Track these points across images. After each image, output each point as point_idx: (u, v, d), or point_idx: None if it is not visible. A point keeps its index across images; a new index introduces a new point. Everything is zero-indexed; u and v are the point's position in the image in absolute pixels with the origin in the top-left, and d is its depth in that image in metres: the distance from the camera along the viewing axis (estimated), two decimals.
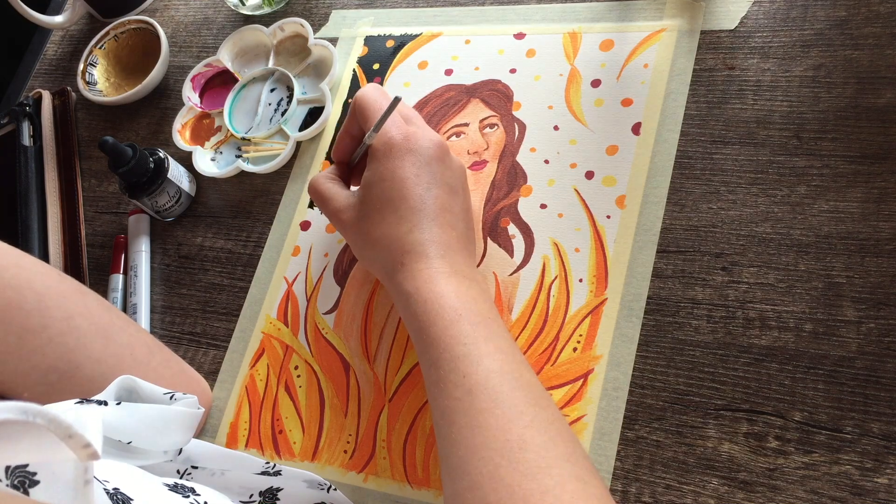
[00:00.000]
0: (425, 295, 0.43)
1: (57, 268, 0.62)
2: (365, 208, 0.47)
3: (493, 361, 0.40)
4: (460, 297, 0.43)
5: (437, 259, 0.44)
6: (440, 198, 0.46)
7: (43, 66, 0.78)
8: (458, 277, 0.44)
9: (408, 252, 0.45)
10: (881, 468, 0.40)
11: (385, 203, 0.46)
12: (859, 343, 0.43)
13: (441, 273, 0.44)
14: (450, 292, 0.43)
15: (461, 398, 0.39)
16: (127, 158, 0.58)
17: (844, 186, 0.47)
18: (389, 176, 0.46)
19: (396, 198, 0.46)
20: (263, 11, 0.69)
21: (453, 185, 0.48)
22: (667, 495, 0.42)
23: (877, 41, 0.50)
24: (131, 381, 0.42)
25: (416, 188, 0.46)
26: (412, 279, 0.44)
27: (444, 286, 0.43)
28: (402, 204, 0.46)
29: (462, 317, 0.42)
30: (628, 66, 0.55)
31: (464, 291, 0.43)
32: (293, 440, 0.50)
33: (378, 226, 0.46)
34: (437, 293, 0.43)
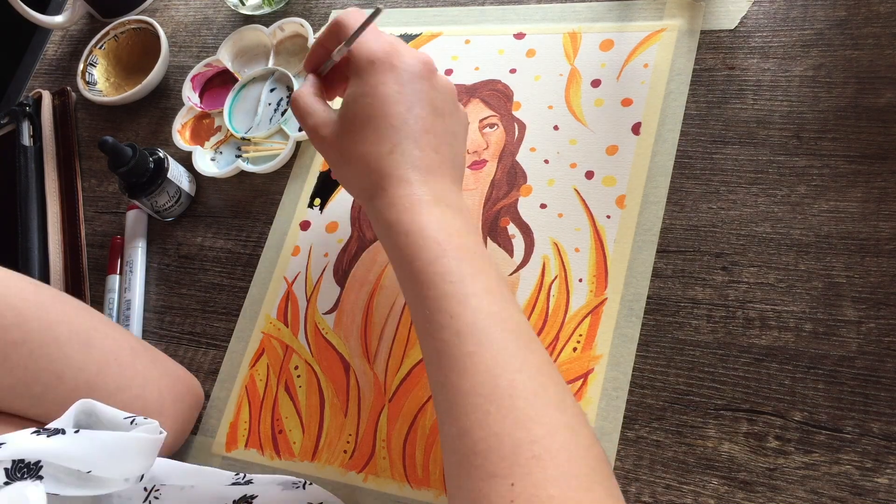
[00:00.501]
0: (407, 226, 0.41)
1: (56, 267, 0.62)
2: (345, 125, 0.45)
3: (481, 301, 0.39)
4: (443, 228, 0.41)
5: (419, 185, 0.43)
6: (423, 118, 0.44)
7: (43, 66, 0.78)
8: (441, 206, 0.42)
9: (388, 175, 0.43)
10: (881, 468, 0.40)
11: (365, 120, 0.44)
12: (859, 343, 0.43)
13: (423, 201, 0.42)
14: (432, 223, 0.41)
15: (449, 340, 0.38)
16: (127, 158, 0.58)
17: (844, 186, 0.47)
18: (371, 92, 0.44)
19: (377, 115, 0.44)
20: (263, 11, 0.69)
21: (439, 105, 0.46)
22: (667, 495, 0.42)
23: (877, 41, 0.50)
24: (91, 405, 0.41)
25: (397, 106, 0.44)
26: (393, 207, 0.42)
27: (426, 216, 0.42)
28: (382, 122, 0.44)
29: (447, 252, 0.40)
30: (628, 66, 0.55)
31: (447, 222, 0.42)
32: (293, 440, 0.50)
33: (357, 144, 0.45)
34: (419, 224, 0.41)
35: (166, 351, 0.57)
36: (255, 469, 0.50)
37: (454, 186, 0.45)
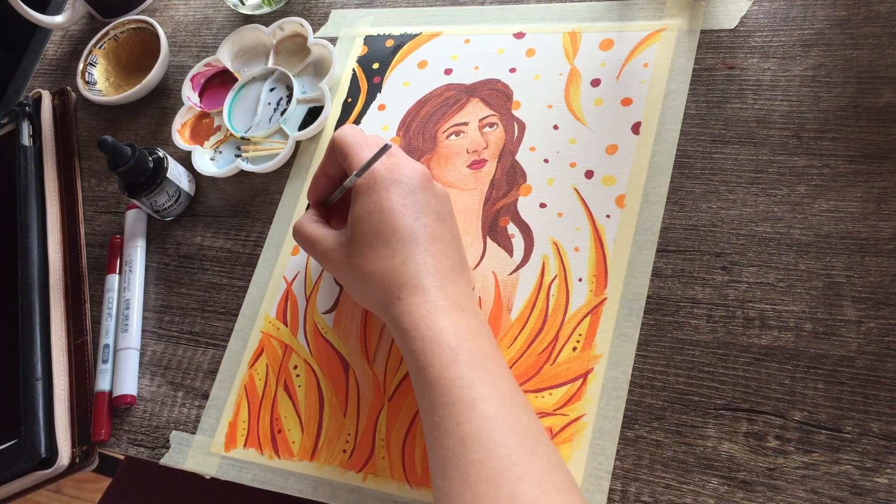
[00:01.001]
0: (423, 332, 0.42)
1: (56, 267, 0.62)
2: (355, 245, 0.46)
3: (489, 406, 0.39)
4: (458, 333, 0.42)
5: (434, 290, 0.43)
6: (430, 226, 0.45)
7: (43, 66, 0.78)
8: (457, 311, 0.43)
9: (403, 285, 0.44)
10: (881, 468, 0.40)
11: (375, 237, 0.45)
12: (859, 343, 0.43)
13: (439, 307, 0.43)
14: (447, 329, 0.42)
15: (454, 448, 0.38)
16: (126, 158, 0.58)
17: (844, 186, 0.47)
18: (377, 209, 0.45)
19: (386, 230, 0.45)
20: (263, 11, 0.69)
21: (441, 212, 0.47)
22: (666, 495, 0.42)
23: (877, 41, 0.50)
24: None
25: (404, 218, 0.45)
26: (409, 314, 0.43)
27: (442, 322, 0.42)
28: (392, 236, 0.45)
29: (459, 357, 0.41)
30: (628, 66, 0.55)
31: (462, 327, 0.42)
32: (292, 440, 0.50)
33: (371, 261, 0.45)
34: (435, 330, 0.42)
35: (165, 350, 0.57)
36: (254, 469, 0.50)
37: (466, 288, 0.46)
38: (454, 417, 0.39)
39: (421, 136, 0.58)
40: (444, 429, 0.39)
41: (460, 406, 0.39)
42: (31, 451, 0.53)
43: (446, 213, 0.48)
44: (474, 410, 0.39)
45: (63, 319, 0.60)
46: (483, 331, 0.44)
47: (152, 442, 0.54)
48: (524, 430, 0.39)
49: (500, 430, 0.38)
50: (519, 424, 0.39)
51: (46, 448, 0.53)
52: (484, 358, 0.41)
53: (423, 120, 0.58)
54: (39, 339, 0.58)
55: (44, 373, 0.57)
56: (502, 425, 0.39)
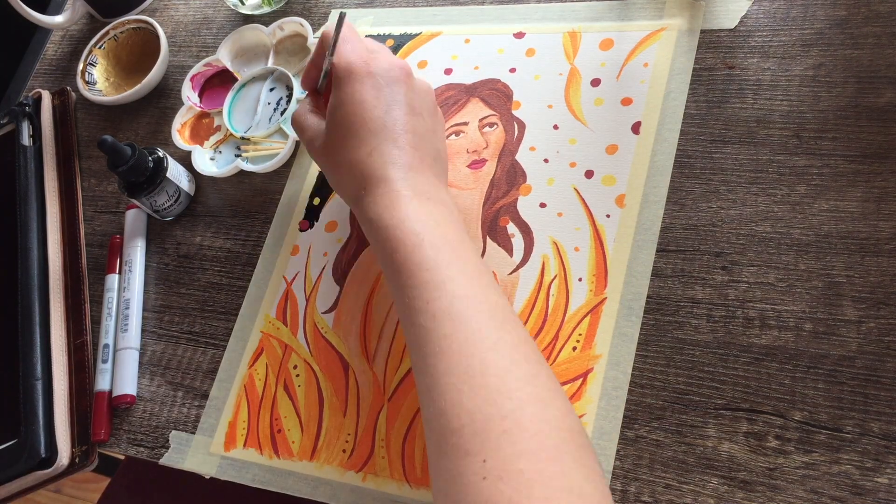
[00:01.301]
0: (387, 221, 0.43)
1: (56, 267, 0.62)
2: (330, 134, 0.48)
3: (456, 286, 0.40)
4: (421, 220, 0.43)
5: (399, 181, 0.45)
6: (401, 119, 0.46)
7: (43, 66, 0.78)
8: (421, 199, 0.44)
9: (369, 176, 0.45)
10: (881, 468, 0.40)
11: (346, 127, 0.46)
12: (859, 342, 0.43)
13: (402, 196, 0.44)
14: (410, 216, 0.43)
15: (425, 324, 0.40)
16: (126, 157, 0.58)
17: (844, 186, 0.47)
18: (349, 100, 0.46)
19: (357, 121, 0.46)
20: (263, 11, 0.69)
21: (416, 106, 0.48)
22: (666, 495, 0.42)
23: (877, 41, 0.50)
24: None
25: (374, 110, 0.46)
26: (374, 204, 0.44)
27: (404, 210, 0.43)
28: (361, 127, 0.46)
29: (424, 241, 0.42)
30: (628, 66, 0.55)
31: (426, 214, 0.43)
32: (292, 440, 0.50)
33: (341, 151, 0.47)
34: (398, 218, 0.43)
35: (165, 350, 0.57)
36: (254, 469, 0.50)
37: (436, 181, 0.47)
38: (423, 297, 0.40)
39: None
40: (415, 308, 0.40)
41: (429, 286, 0.41)
42: (30, 451, 0.53)
43: (423, 107, 0.48)
44: (443, 289, 0.40)
45: (63, 319, 0.60)
46: (449, 218, 0.44)
47: (152, 442, 0.54)
48: (493, 307, 0.40)
49: (470, 307, 0.40)
50: (487, 302, 0.40)
51: (46, 448, 0.53)
52: (448, 242, 0.42)
53: None
54: (39, 339, 0.58)
55: (44, 373, 0.57)
56: (471, 303, 0.40)
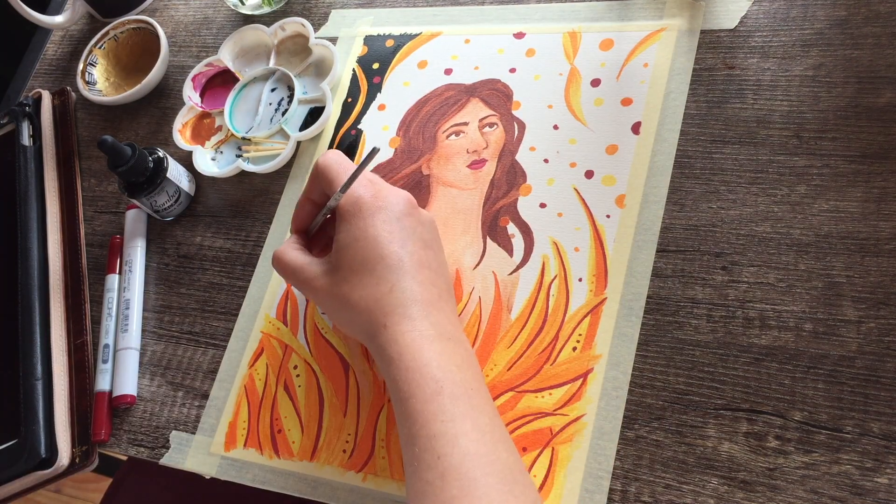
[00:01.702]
0: (408, 362, 0.42)
1: (56, 267, 0.62)
2: (340, 272, 0.45)
3: (470, 442, 0.39)
4: (443, 365, 0.41)
5: (421, 319, 0.43)
6: (416, 254, 0.45)
7: (43, 66, 0.78)
8: (443, 341, 0.43)
9: (389, 313, 0.43)
10: (881, 468, 0.40)
11: (361, 264, 0.44)
12: (859, 343, 0.43)
13: (425, 336, 0.42)
14: (433, 359, 0.41)
15: (433, 482, 0.38)
16: (126, 157, 0.58)
17: (844, 186, 0.47)
18: (362, 235, 0.45)
19: (372, 257, 0.44)
20: (263, 11, 0.69)
21: (427, 239, 0.46)
22: (666, 495, 0.42)
23: (877, 41, 0.50)
24: None
25: (390, 245, 0.44)
26: (395, 343, 0.42)
27: (427, 352, 0.42)
28: (378, 263, 0.44)
29: (443, 389, 0.40)
30: (628, 66, 0.55)
31: (448, 357, 0.42)
32: (292, 440, 0.50)
33: (356, 288, 0.44)
34: (420, 360, 0.41)
35: (165, 350, 0.57)
36: (254, 469, 0.50)
37: (453, 317, 0.45)
38: (435, 451, 0.39)
39: (421, 135, 0.58)
40: (425, 461, 0.39)
41: (441, 440, 0.39)
42: (31, 451, 0.53)
43: (432, 239, 0.47)
44: (456, 445, 0.39)
45: (63, 319, 0.60)
46: (469, 361, 0.43)
47: (152, 442, 0.54)
48: (504, 468, 0.39)
49: (481, 467, 0.38)
50: (499, 462, 0.39)
51: (46, 448, 0.53)
52: (468, 391, 0.41)
53: (423, 120, 0.58)
54: (39, 339, 0.58)
55: (44, 373, 0.57)
56: (483, 462, 0.38)
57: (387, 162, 0.58)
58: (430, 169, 0.56)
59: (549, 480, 0.44)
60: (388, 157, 0.58)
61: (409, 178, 0.57)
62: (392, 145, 0.58)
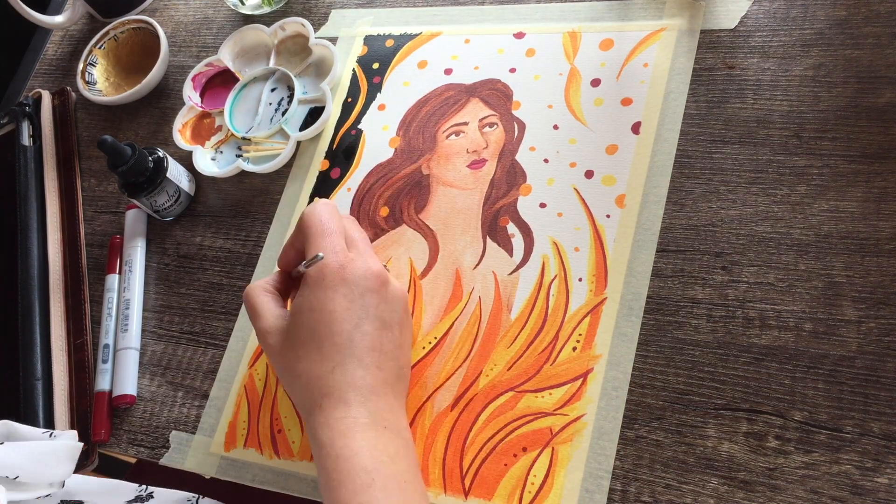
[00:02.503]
0: (339, 450, 0.40)
1: (56, 267, 0.62)
2: (290, 338, 0.44)
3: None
4: (375, 456, 0.40)
5: (357, 406, 0.42)
6: (369, 335, 0.44)
7: (43, 66, 0.78)
8: (378, 430, 0.41)
9: (327, 395, 0.42)
10: (881, 468, 0.40)
11: (310, 336, 0.43)
12: (859, 342, 0.43)
13: (358, 424, 0.41)
14: (364, 449, 0.40)
15: None
16: (126, 157, 0.58)
17: (844, 186, 0.47)
18: (319, 307, 0.43)
19: (322, 333, 0.43)
20: (263, 11, 0.69)
21: (387, 319, 0.45)
22: (666, 495, 0.42)
23: (877, 41, 0.50)
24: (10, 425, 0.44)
25: (343, 324, 0.43)
26: (327, 427, 0.41)
27: (359, 441, 0.40)
28: (326, 340, 0.43)
29: (374, 482, 0.39)
30: (628, 66, 0.55)
31: (381, 448, 0.41)
32: (292, 439, 0.50)
33: (301, 360, 0.44)
34: (351, 450, 0.40)
35: (165, 350, 0.57)
36: (254, 469, 0.50)
37: (396, 404, 0.44)
38: None
39: (421, 135, 0.58)
40: None
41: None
42: None
43: (394, 319, 0.45)
44: None
45: (63, 319, 0.60)
46: (403, 452, 0.42)
47: (152, 442, 0.54)
48: None
49: None
50: None
51: None
52: (401, 483, 0.40)
53: (423, 120, 0.58)
54: (39, 339, 0.58)
55: (44, 373, 0.57)
56: None
57: (387, 162, 0.58)
58: (430, 169, 0.56)
59: (549, 480, 0.44)
60: (388, 157, 0.58)
61: (408, 178, 0.57)
62: (392, 145, 0.58)
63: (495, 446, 0.46)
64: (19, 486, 0.42)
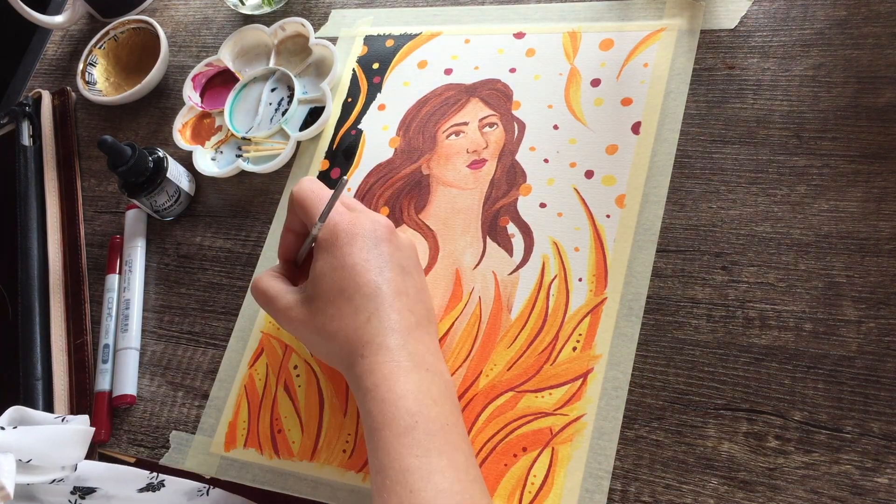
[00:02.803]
0: (383, 394, 0.41)
1: (56, 267, 0.62)
2: (317, 302, 0.45)
3: (444, 479, 0.38)
4: (419, 398, 0.41)
5: (398, 349, 0.42)
6: (394, 281, 0.44)
7: (43, 66, 0.78)
8: (420, 371, 0.42)
9: (367, 343, 0.43)
10: (881, 468, 0.40)
11: (338, 293, 0.44)
12: (859, 342, 0.43)
13: (402, 367, 0.42)
14: (408, 392, 0.41)
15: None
16: (126, 157, 0.58)
17: (844, 186, 0.47)
18: (339, 264, 0.44)
19: (349, 286, 0.44)
20: (263, 11, 0.69)
21: (405, 265, 0.46)
22: (666, 495, 0.42)
23: (877, 41, 0.50)
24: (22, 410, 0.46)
25: (367, 273, 0.44)
26: (371, 374, 0.42)
27: (403, 384, 0.41)
28: (356, 293, 0.43)
29: (418, 424, 0.40)
30: (628, 66, 0.55)
31: (424, 390, 0.41)
32: (292, 440, 0.50)
33: (334, 319, 0.44)
34: (396, 393, 0.41)
35: (165, 350, 0.57)
36: (254, 469, 0.50)
37: (433, 345, 0.45)
38: (407, 484, 0.38)
39: (421, 135, 0.58)
40: (396, 493, 0.38)
41: (415, 474, 0.38)
42: None
43: (411, 265, 0.47)
44: (429, 481, 0.38)
45: (63, 319, 0.60)
46: (446, 394, 0.43)
47: (152, 442, 0.54)
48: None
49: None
50: (472, 500, 0.38)
51: None
52: (443, 426, 0.40)
53: (423, 120, 0.58)
54: (39, 339, 0.58)
55: (44, 373, 0.57)
56: (456, 500, 0.38)
57: (387, 162, 0.58)
58: (430, 169, 0.56)
59: (549, 480, 0.44)
60: (388, 157, 0.58)
61: (408, 178, 0.57)
62: (392, 145, 0.58)
63: (495, 446, 0.46)
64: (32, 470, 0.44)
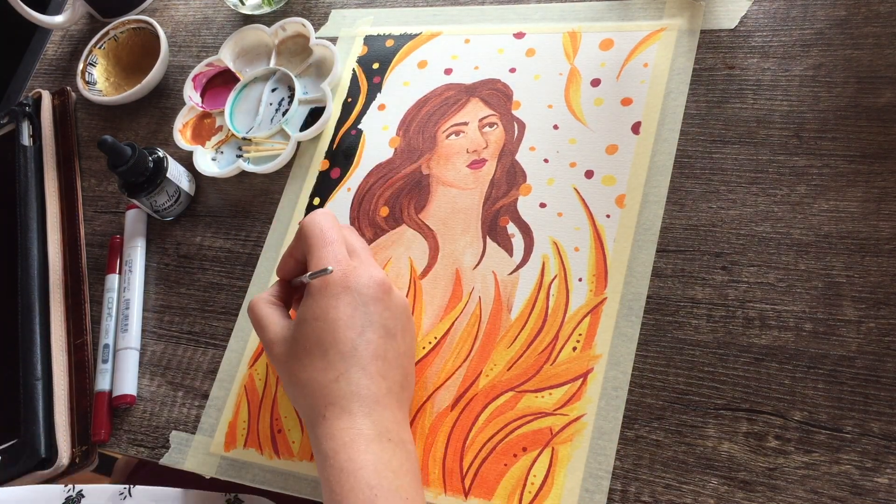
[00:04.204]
0: (342, 462, 0.40)
1: (56, 267, 0.62)
2: (295, 347, 0.44)
3: None
4: (379, 470, 0.40)
5: (361, 417, 0.42)
6: (373, 343, 0.43)
7: (43, 66, 0.78)
8: (382, 442, 0.41)
9: (331, 404, 0.42)
10: (881, 468, 0.40)
11: (315, 345, 0.43)
12: (859, 342, 0.43)
13: (363, 436, 0.41)
14: (368, 464, 0.40)
15: None
16: (126, 157, 0.58)
17: (844, 186, 0.47)
18: (322, 315, 0.43)
19: (327, 341, 0.43)
20: (263, 11, 0.69)
21: (391, 327, 0.45)
22: (666, 495, 0.42)
23: (877, 41, 0.50)
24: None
25: (348, 332, 0.43)
26: (331, 439, 0.41)
27: (363, 454, 0.40)
28: (331, 348, 0.43)
29: (378, 497, 0.39)
30: (628, 66, 0.55)
31: (385, 462, 0.40)
32: (292, 439, 0.50)
33: (305, 369, 0.43)
34: (356, 463, 0.40)
35: (165, 350, 0.57)
36: (254, 469, 0.50)
37: (400, 414, 0.44)
38: None
39: (421, 135, 0.58)
40: None
41: None
42: (30, 451, 0.53)
43: (398, 327, 0.45)
44: None
45: (63, 319, 0.60)
46: (407, 466, 0.42)
47: (152, 442, 0.54)
48: None
49: None
50: None
51: (46, 448, 0.53)
52: (404, 500, 0.40)
53: (423, 120, 0.58)
54: (39, 339, 0.58)
55: (44, 373, 0.57)
56: None
57: (387, 162, 0.58)
58: (430, 169, 0.56)
59: (549, 480, 0.44)
60: (388, 156, 0.58)
61: (408, 178, 0.57)
62: (392, 145, 0.58)
63: (495, 446, 0.46)
64: None
